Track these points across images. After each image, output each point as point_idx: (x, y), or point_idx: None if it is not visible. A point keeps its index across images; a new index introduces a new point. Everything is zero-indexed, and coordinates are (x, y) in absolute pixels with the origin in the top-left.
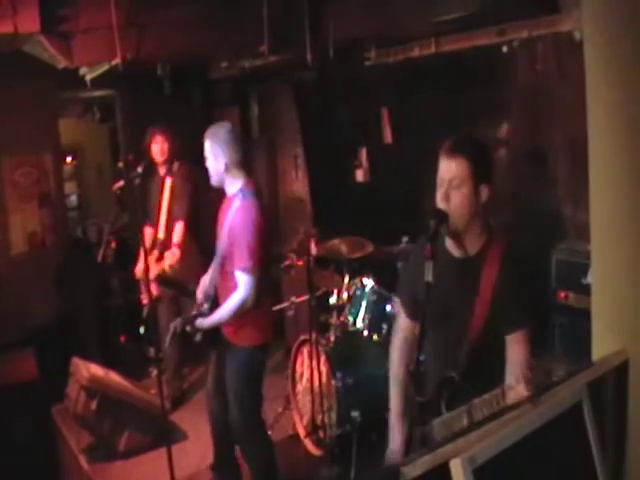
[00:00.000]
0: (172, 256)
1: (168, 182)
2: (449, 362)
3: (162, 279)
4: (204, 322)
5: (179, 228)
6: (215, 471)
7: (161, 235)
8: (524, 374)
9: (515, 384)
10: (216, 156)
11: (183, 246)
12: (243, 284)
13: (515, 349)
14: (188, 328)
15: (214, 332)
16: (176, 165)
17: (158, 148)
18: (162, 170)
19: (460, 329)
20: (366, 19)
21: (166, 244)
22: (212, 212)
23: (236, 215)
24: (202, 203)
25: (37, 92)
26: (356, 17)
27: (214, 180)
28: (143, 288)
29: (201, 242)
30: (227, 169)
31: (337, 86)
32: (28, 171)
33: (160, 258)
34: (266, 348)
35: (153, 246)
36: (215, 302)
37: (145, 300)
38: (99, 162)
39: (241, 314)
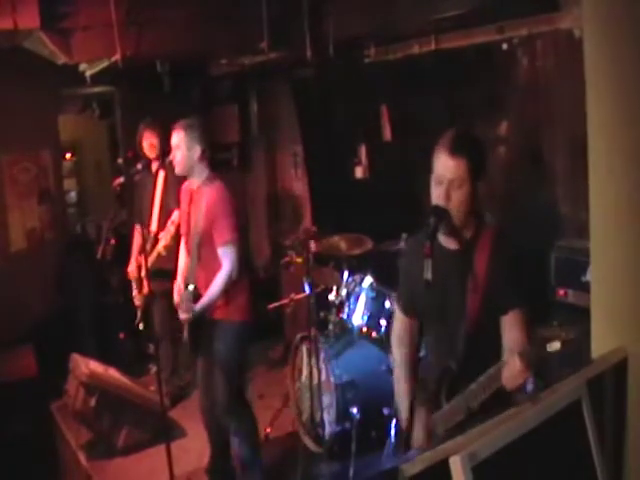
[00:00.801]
0: (166, 234)
1: (161, 175)
2: (448, 353)
3: (156, 271)
4: (196, 306)
5: (176, 214)
6: (210, 474)
7: (154, 228)
8: (520, 347)
9: (509, 359)
10: (191, 146)
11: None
12: (228, 257)
13: (510, 330)
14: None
15: (199, 326)
16: (168, 160)
17: (148, 144)
18: (155, 165)
19: (457, 319)
20: (365, 16)
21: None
22: None
23: (210, 197)
24: None
25: (36, 88)
26: (355, 14)
27: (182, 169)
28: (135, 289)
29: None
30: (200, 159)
31: (336, 83)
32: (27, 167)
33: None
34: (250, 326)
35: (145, 243)
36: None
37: (137, 302)
38: (98, 159)
39: (227, 288)
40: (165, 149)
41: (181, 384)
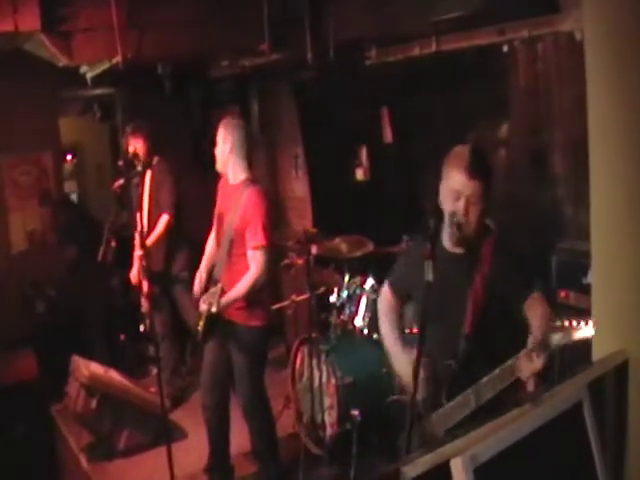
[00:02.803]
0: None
1: (148, 175)
2: (449, 353)
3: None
4: (221, 301)
5: (163, 220)
6: (209, 473)
7: (145, 229)
8: (535, 340)
9: (525, 355)
10: (224, 139)
11: (161, 237)
12: (257, 262)
13: (532, 314)
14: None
15: (215, 321)
16: (156, 159)
17: (133, 148)
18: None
19: (458, 317)
20: (366, 18)
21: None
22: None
23: (249, 198)
24: (184, 196)
25: (37, 91)
26: (356, 16)
27: (219, 165)
28: (143, 293)
29: (186, 233)
30: (231, 151)
31: (337, 85)
32: (28, 170)
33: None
34: (270, 329)
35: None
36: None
37: (145, 307)
38: (99, 161)
39: (253, 292)
40: (152, 151)
41: (182, 385)
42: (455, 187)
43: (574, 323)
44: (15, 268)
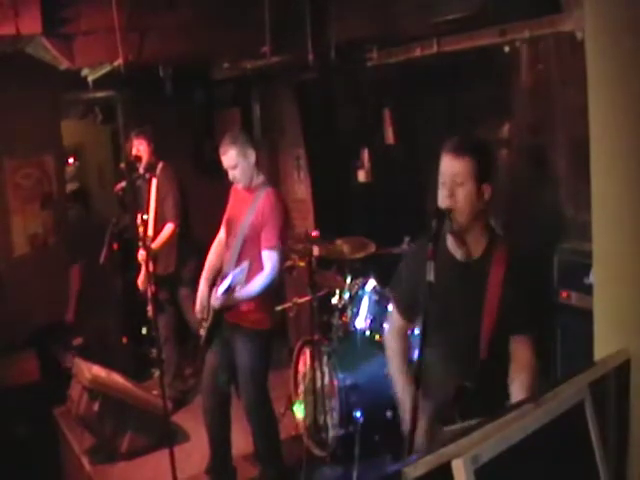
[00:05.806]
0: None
1: (154, 183)
2: (460, 370)
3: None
4: (234, 295)
5: (168, 228)
6: (210, 474)
7: (150, 233)
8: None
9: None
10: (245, 155)
11: (166, 243)
12: (270, 261)
13: (519, 353)
14: (216, 302)
15: (219, 323)
16: (160, 165)
17: (137, 152)
18: (147, 173)
19: (469, 335)
20: (368, 20)
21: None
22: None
23: (267, 199)
24: (188, 201)
25: (39, 93)
26: (358, 18)
27: (245, 181)
28: (149, 299)
29: (192, 238)
30: (256, 163)
31: (339, 87)
32: (30, 172)
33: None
34: (274, 332)
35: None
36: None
37: (150, 313)
38: (101, 163)
39: (262, 293)
40: (155, 156)
41: (184, 388)
42: (441, 172)
43: None
44: (17, 270)
